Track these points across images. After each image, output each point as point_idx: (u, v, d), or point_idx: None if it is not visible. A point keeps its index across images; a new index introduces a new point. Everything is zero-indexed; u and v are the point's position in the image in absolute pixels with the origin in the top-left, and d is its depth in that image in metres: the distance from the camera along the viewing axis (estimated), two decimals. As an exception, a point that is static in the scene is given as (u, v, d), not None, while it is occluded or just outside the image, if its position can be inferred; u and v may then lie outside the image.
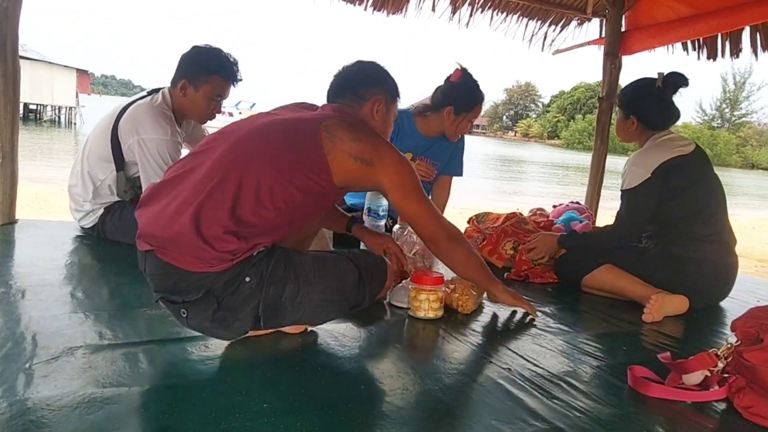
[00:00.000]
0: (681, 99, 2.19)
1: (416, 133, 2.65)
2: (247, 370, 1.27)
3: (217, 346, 1.38)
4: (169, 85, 2.24)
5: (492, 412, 1.20)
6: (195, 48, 2.20)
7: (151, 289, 1.35)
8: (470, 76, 2.52)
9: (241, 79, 2.24)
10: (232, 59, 2.20)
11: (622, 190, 2.13)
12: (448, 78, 2.53)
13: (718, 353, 1.38)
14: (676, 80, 2.13)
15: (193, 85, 2.16)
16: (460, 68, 2.51)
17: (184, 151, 2.47)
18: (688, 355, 1.41)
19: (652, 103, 2.15)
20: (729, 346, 1.38)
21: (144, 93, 2.29)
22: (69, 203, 2.34)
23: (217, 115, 2.31)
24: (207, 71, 2.15)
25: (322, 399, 1.17)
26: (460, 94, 2.50)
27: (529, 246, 2.33)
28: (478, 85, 2.52)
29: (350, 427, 1.08)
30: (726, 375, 1.34)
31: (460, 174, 2.87)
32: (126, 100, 2.28)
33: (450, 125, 2.56)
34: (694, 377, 1.35)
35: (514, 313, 1.87)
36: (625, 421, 1.22)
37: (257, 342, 1.43)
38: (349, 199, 2.90)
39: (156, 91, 2.25)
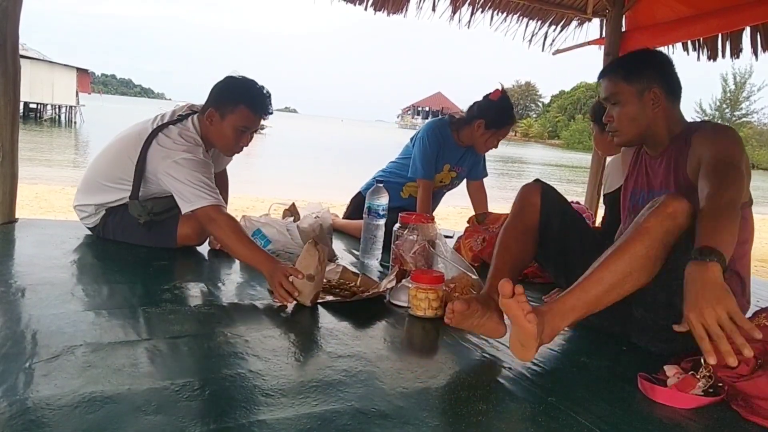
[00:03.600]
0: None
1: (454, 145, 2.84)
2: (248, 369, 1.27)
3: (217, 344, 1.39)
4: (197, 112, 2.18)
5: (492, 411, 1.20)
6: (227, 78, 2.15)
7: None
8: (508, 98, 2.73)
9: (271, 113, 2.18)
10: (264, 91, 2.14)
11: (604, 194, 2.12)
12: (488, 95, 2.72)
13: (697, 376, 1.35)
14: None
15: (219, 114, 2.09)
16: (501, 89, 2.72)
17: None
18: (685, 355, 1.42)
19: None
20: (707, 367, 1.35)
21: (173, 116, 2.19)
22: (75, 196, 2.30)
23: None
24: (235, 101, 2.08)
25: (322, 398, 1.17)
26: (494, 111, 2.70)
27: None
28: (512, 108, 2.74)
29: (351, 425, 1.08)
30: (720, 384, 1.33)
31: (486, 175, 3.07)
32: (152, 123, 2.15)
33: (479, 138, 2.75)
34: (671, 381, 1.34)
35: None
36: (625, 421, 1.22)
37: (258, 340, 1.43)
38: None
39: (185, 117, 2.18)
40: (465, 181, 3.03)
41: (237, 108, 2.08)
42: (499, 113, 2.69)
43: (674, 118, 1.67)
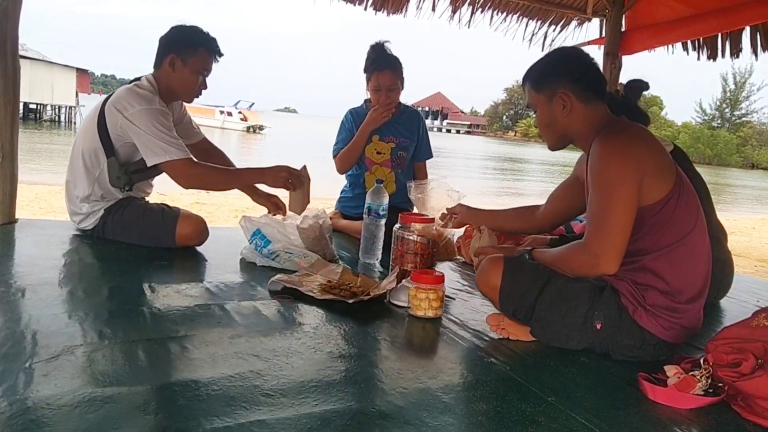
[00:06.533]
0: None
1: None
2: (248, 369, 1.27)
3: (217, 344, 1.39)
4: (151, 70, 2.23)
5: (492, 411, 1.20)
6: (176, 27, 2.23)
7: None
8: (374, 48, 2.71)
9: (222, 54, 2.27)
10: (211, 35, 2.24)
11: None
12: None
13: (696, 376, 1.35)
14: (637, 85, 2.15)
15: (181, 59, 2.17)
16: (374, 43, 2.74)
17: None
18: (682, 355, 1.42)
19: (620, 109, 2.14)
20: (707, 367, 1.36)
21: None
22: (67, 207, 2.32)
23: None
24: (193, 45, 2.18)
25: (322, 398, 1.17)
26: (366, 65, 2.72)
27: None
28: (371, 57, 2.70)
29: (351, 425, 1.08)
30: (720, 384, 1.33)
31: (431, 155, 3.05)
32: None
33: (372, 95, 2.76)
34: (671, 380, 1.35)
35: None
36: (626, 421, 1.22)
37: (257, 340, 1.43)
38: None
39: (137, 79, 2.24)
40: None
41: (197, 51, 2.18)
42: (367, 65, 2.71)
43: (593, 117, 1.58)
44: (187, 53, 2.17)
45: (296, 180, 2.19)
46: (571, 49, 1.80)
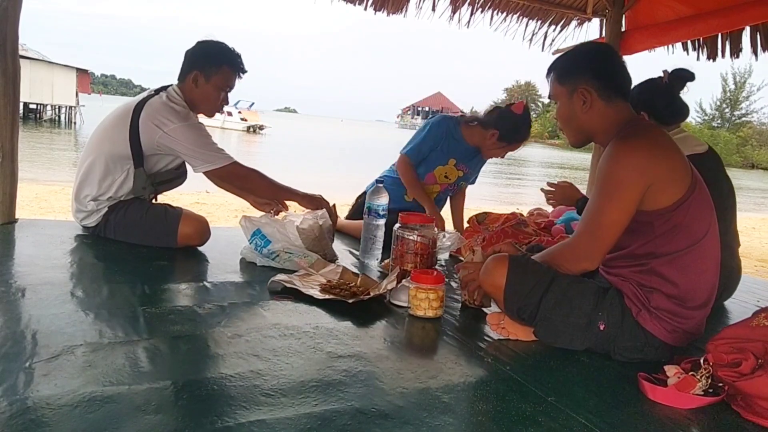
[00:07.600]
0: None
1: (462, 140, 2.80)
2: (248, 369, 1.27)
3: (217, 344, 1.39)
4: (176, 82, 2.26)
5: (492, 411, 1.20)
6: (201, 42, 2.26)
7: None
8: (529, 114, 2.71)
9: (246, 71, 2.31)
10: (236, 52, 2.28)
11: None
12: (510, 105, 2.69)
13: (696, 376, 1.35)
14: (683, 74, 2.10)
15: (204, 76, 2.22)
16: (524, 103, 2.71)
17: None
18: (682, 355, 1.42)
19: (663, 97, 2.11)
20: (707, 367, 1.36)
21: (151, 91, 2.27)
22: (71, 203, 2.32)
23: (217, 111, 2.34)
24: (217, 62, 2.22)
25: (322, 398, 1.17)
26: (512, 124, 2.66)
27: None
28: (530, 125, 2.71)
29: (351, 425, 1.08)
30: (720, 384, 1.33)
31: (474, 182, 3.09)
32: (135, 99, 2.27)
33: (489, 145, 2.74)
34: (671, 380, 1.35)
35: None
36: (626, 421, 1.22)
37: (257, 340, 1.43)
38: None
39: (164, 88, 2.25)
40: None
41: (220, 69, 2.23)
42: (516, 128, 2.66)
43: (614, 116, 1.55)
44: (211, 70, 2.22)
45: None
46: (600, 45, 1.77)
